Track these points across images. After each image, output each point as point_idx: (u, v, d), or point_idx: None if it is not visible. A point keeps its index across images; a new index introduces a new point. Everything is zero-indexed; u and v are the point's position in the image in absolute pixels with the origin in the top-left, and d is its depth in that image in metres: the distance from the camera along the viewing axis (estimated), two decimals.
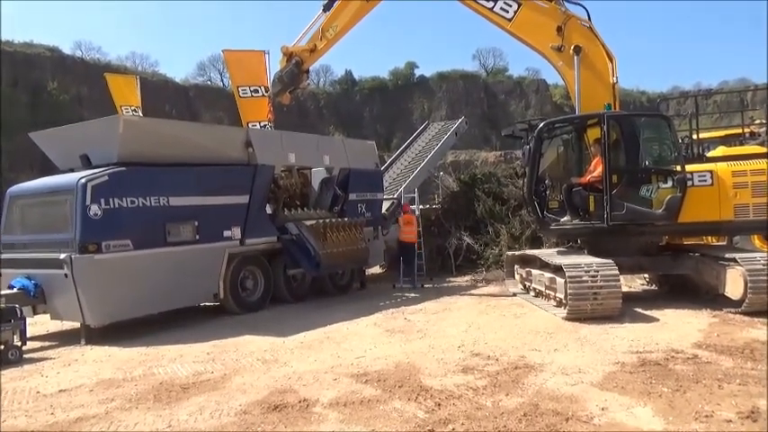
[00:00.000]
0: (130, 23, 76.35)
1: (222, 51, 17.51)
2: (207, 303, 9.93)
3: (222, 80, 49.17)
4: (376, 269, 14.54)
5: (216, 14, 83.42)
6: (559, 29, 9.72)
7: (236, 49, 16.01)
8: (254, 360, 6.60)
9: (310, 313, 9.53)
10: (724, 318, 7.59)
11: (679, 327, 7.20)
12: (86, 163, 8.88)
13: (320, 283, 11.42)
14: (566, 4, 9.87)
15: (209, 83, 51.81)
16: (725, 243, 10.14)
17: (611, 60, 9.62)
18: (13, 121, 30.39)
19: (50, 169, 10.01)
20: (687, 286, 9.24)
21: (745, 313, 7.55)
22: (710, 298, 8.42)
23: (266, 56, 14.75)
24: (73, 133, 9.42)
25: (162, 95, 40.47)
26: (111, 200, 8.10)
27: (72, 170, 9.01)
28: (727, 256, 8.04)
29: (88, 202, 7.91)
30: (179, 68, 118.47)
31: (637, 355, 5.95)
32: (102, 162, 8.67)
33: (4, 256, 9.05)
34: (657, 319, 7.63)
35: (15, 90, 35.21)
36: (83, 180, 8.00)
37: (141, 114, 17.91)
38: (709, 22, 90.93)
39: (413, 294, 11.18)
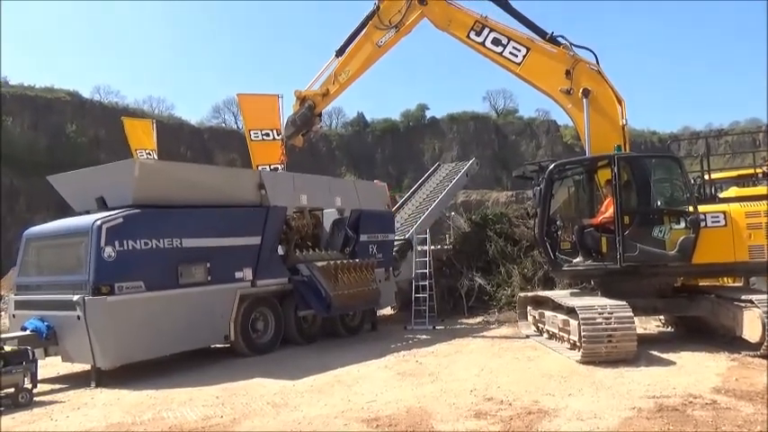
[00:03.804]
0: (148, 68, 78.59)
1: (236, 95, 17.94)
2: (217, 345, 9.89)
3: (236, 122, 50.23)
4: (387, 310, 14.44)
5: (232, 59, 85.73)
6: (568, 72, 9.85)
7: (250, 92, 16.36)
8: (263, 404, 6.53)
9: (321, 355, 9.45)
10: (742, 361, 7.42)
11: (696, 370, 7.05)
12: (102, 205, 9.01)
13: (331, 325, 11.33)
14: (574, 47, 10.03)
15: (223, 125, 52.87)
16: (741, 284, 10.01)
17: (620, 103, 9.71)
18: (31, 163, 31.09)
19: (67, 209, 10.17)
20: (703, 328, 9.07)
21: (764, 356, 7.38)
22: (728, 340, 8.26)
23: (280, 99, 15.02)
24: (89, 177, 9.57)
25: (177, 137, 41.34)
26: (125, 242, 8.17)
27: (88, 212, 9.14)
28: (743, 297, 7.91)
29: (103, 243, 7.98)
30: (194, 111, 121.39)
31: (654, 400, 5.82)
32: (118, 204, 8.78)
33: (19, 297, 9.14)
34: (674, 363, 7.48)
35: (35, 133, 36.09)
36: (98, 222, 8.10)
37: (156, 157, 18.23)
38: (720, 62, 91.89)
39: (424, 336, 11.06)
